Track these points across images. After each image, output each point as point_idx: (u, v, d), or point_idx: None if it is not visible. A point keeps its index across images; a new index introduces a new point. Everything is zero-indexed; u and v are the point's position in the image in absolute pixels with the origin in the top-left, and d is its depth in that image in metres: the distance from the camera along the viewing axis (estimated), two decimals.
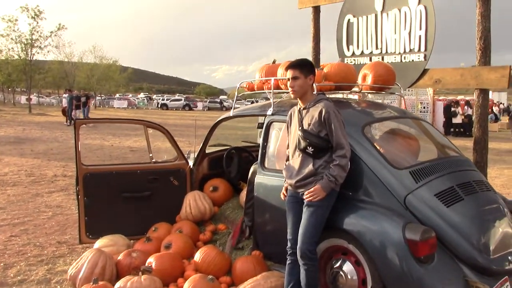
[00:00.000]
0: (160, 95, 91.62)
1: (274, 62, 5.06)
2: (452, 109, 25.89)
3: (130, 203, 5.11)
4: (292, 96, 3.82)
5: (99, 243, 4.79)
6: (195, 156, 5.51)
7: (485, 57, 5.05)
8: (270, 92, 4.64)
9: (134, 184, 5.13)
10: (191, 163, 5.44)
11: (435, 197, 3.68)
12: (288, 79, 3.74)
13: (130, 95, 78.84)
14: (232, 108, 5.14)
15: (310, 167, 3.65)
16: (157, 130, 5.40)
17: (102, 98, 63.25)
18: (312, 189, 3.59)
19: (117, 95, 70.28)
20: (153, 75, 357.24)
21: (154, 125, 5.39)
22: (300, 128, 3.73)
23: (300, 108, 3.82)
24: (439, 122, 26.91)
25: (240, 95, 5.23)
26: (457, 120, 26.16)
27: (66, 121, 25.82)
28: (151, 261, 4.29)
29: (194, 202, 5.10)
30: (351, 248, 3.66)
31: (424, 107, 26.12)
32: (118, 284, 4.03)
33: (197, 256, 4.35)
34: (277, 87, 4.69)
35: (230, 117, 5.18)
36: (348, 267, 3.68)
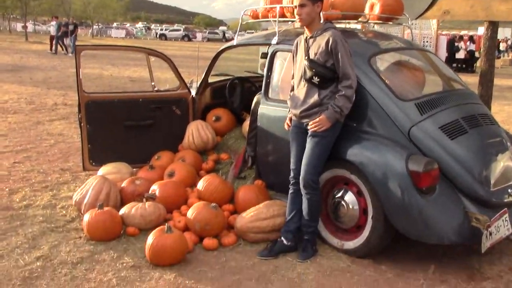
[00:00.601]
0: (158, 25, 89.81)
1: None
2: (455, 44, 25.46)
3: (133, 132, 5.11)
4: (299, 24, 3.71)
5: (103, 170, 4.83)
6: (198, 85, 5.45)
7: None
8: (275, 21, 4.52)
9: (136, 113, 5.10)
10: (193, 92, 5.39)
11: (440, 130, 3.68)
12: (295, 7, 3.61)
13: (128, 25, 77.23)
14: (236, 36, 5.04)
15: (315, 98, 3.62)
16: (159, 59, 5.31)
17: (100, 27, 61.96)
18: (317, 119, 3.57)
19: (115, 24, 68.85)
20: (151, 4, 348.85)
21: (156, 53, 5.30)
22: (306, 57, 3.66)
23: (306, 37, 3.73)
24: (442, 57, 26.46)
25: (244, 23, 5.10)
26: (460, 55, 25.78)
27: (51, 49, 24.71)
28: (155, 188, 4.35)
29: (196, 131, 5.09)
30: (353, 179, 3.70)
31: (427, 42, 25.70)
32: (123, 210, 4.11)
33: (200, 184, 4.40)
34: (283, 15, 4.56)
35: (233, 45, 5.09)
36: (349, 197, 3.74)
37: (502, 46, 34.82)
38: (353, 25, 5.24)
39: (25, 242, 3.87)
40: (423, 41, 25.41)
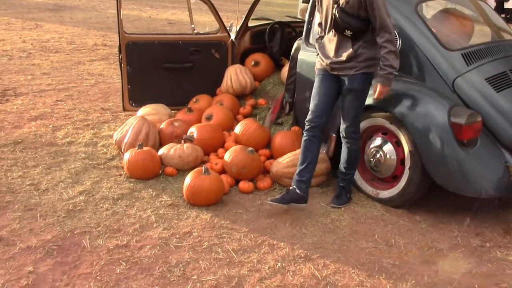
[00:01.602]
0: None
1: None
2: None
3: (172, 74, 5.13)
4: None
5: (142, 111, 4.90)
6: (237, 29, 5.38)
7: None
8: None
9: (176, 55, 5.10)
10: (233, 36, 5.33)
11: (486, 82, 3.58)
12: None
13: None
14: None
15: (349, 51, 3.38)
16: (199, 0, 5.25)
17: None
18: (378, 92, 3.44)
19: None
20: None
21: None
22: (336, 6, 3.31)
23: None
24: (490, 5, 25.40)
25: None
26: (509, 5, 24.57)
27: None
28: (193, 130, 4.41)
29: (235, 75, 5.08)
30: (392, 129, 3.65)
31: None
32: (161, 150, 4.20)
33: (238, 129, 4.43)
34: None
35: None
36: (388, 147, 3.70)
37: None
38: None
39: (69, 177, 4.02)
40: None
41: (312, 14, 4.33)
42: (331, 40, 3.48)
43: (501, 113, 3.48)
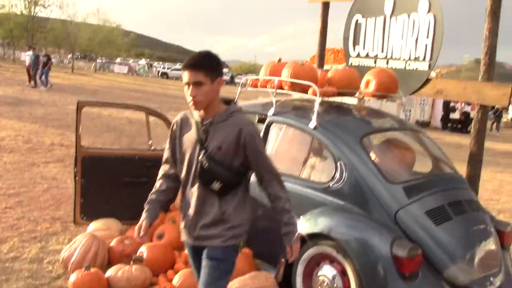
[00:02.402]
0: (161, 62, 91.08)
1: (279, 60, 5.07)
2: (451, 104, 25.94)
3: (126, 188, 5.17)
4: (192, 108, 2.68)
5: (93, 226, 4.87)
6: None
7: (489, 72, 5.07)
8: (273, 92, 4.67)
9: (131, 170, 5.18)
10: None
11: (425, 215, 3.76)
12: (186, 84, 2.60)
13: (131, 60, 78.34)
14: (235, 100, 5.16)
15: (214, 210, 2.71)
16: (158, 118, 5.44)
17: (103, 61, 62.77)
18: (293, 253, 2.76)
19: (118, 59, 69.81)
20: (155, 42, 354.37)
21: (156, 113, 5.42)
22: (203, 152, 2.67)
23: (201, 122, 2.72)
24: (437, 116, 27.03)
25: (243, 90, 5.23)
26: (455, 116, 26.27)
27: (30, 82, 23.65)
28: (143, 250, 4.38)
29: None
30: (339, 258, 3.75)
31: (423, 100, 26.16)
32: (109, 272, 4.13)
33: None
34: (280, 87, 4.72)
35: None
36: (334, 275, 3.77)
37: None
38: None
39: None
40: (420, 101, 25.88)
41: (265, 140, 4.52)
42: (192, 194, 2.77)
43: (440, 247, 3.64)
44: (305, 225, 3.89)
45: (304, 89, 4.62)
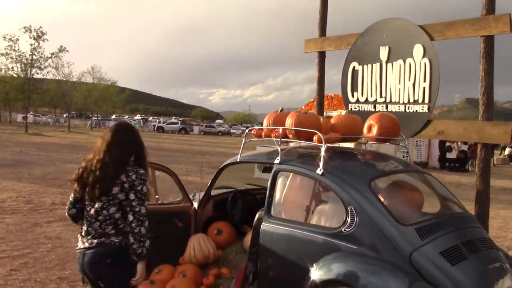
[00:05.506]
0: (156, 117, 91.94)
1: (281, 110, 5.17)
2: (447, 144, 26.11)
3: None
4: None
5: None
6: (200, 197, 5.55)
7: (488, 112, 5.16)
8: (278, 141, 4.73)
9: None
10: (195, 204, 5.48)
11: (440, 255, 3.74)
12: None
13: (126, 116, 79.06)
14: (240, 153, 5.20)
15: None
16: (164, 172, 5.46)
17: (98, 118, 63.31)
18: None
19: (113, 116, 70.44)
20: (150, 97, 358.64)
21: (161, 167, 5.45)
22: None
23: None
24: (434, 156, 27.14)
25: (248, 141, 5.28)
26: (452, 155, 26.37)
27: None
28: None
29: (198, 245, 5.13)
30: None
31: (420, 141, 26.36)
32: None
33: None
34: (285, 135, 4.78)
35: (236, 162, 5.25)
36: None
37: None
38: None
39: None
40: (416, 142, 26.07)
41: (273, 188, 4.55)
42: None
43: (458, 287, 3.61)
44: (318, 272, 3.86)
45: (308, 137, 4.67)
